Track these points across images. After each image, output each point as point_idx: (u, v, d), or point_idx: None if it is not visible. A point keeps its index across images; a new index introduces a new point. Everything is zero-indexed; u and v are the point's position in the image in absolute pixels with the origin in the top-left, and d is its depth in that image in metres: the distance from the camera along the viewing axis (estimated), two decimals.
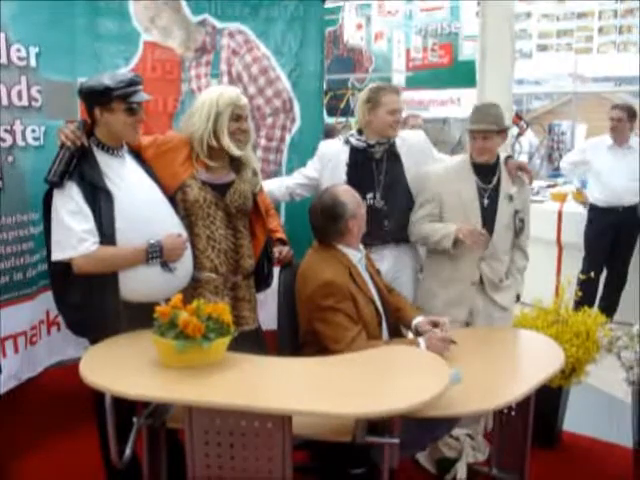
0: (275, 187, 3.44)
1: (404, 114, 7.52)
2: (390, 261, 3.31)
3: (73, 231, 2.46)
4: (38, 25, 2.93)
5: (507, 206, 3.23)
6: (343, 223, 2.73)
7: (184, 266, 2.68)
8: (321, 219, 2.76)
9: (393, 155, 3.36)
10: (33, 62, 2.92)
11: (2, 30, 2.79)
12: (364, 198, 3.13)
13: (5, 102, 2.82)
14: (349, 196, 2.77)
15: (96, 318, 2.54)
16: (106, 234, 2.49)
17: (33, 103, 2.94)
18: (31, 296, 3.00)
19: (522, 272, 3.38)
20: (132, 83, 2.58)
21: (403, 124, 6.87)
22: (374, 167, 3.32)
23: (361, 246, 2.87)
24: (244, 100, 2.83)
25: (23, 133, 2.90)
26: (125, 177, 2.61)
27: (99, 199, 2.50)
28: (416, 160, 3.38)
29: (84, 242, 2.46)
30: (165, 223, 2.65)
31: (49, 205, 2.54)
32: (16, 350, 2.95)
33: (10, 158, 2.86)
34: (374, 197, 3.27)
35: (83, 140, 2.55)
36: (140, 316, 2.42)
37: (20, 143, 2.89)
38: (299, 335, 2.80)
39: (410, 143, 3.43)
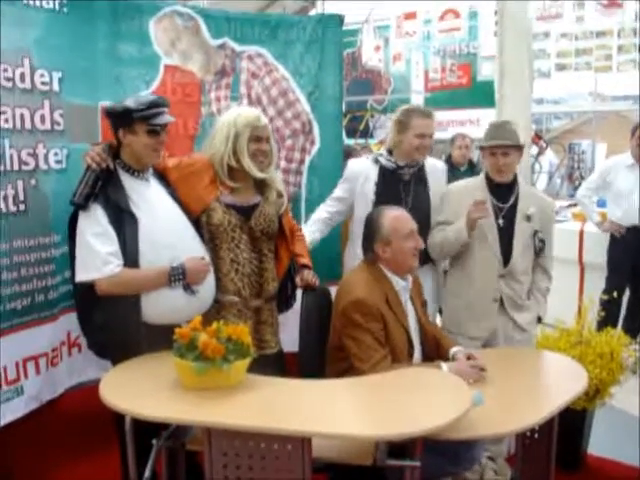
0: (314, 229, 3.39)
1: (453, 132, 7.49)
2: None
3: (97, 253, 2.48)
4: (61, 50, 2.98)
5: (525, 226, 3.19)
6: (371, 243, 2.74)
7: (207, 289, 2.69)
8: (363, 230, 2.83)
9: (421, 179, 3.38)
10: (56, 86, 2.97)
11: (27, 56, 2.84)
12: None
13: (28, 126, 2.86)
14: (393, 221, 2.73)
15: (118, 339, 2.56)
16: (130, 257, 2.52)
17: (56, 127, 2.97)
18: (52, 318, 3.01)
19: (544, 294, 3.31)
20: (154, 105, 2.60)
21: (450, 143, 6.88)
22: (402, 188, 3.33)
23: (409, 277, 2.83)
24: (264, 121, 2.82)
25: (46, 156, 2.94)
26: (149, 200, 2.64)
27: (124, 222, 2.53)
28: (439, 189, 3.40)
29: (108, 264, 2.48)
30: (188, 246, 2.66)
31: (74, 227, 2.57)
32: (37, 371, 2.96)
33: (33, 181, 2.89)
34: None
35: (108, 162, 2.58)
36: (162, 339, 2.42)
37: (43, 166, 2.92)
38: (327, 348, 2.79)
39: (437, 171, 3.47)
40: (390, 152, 3.38)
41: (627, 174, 5.19)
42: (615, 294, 4.44)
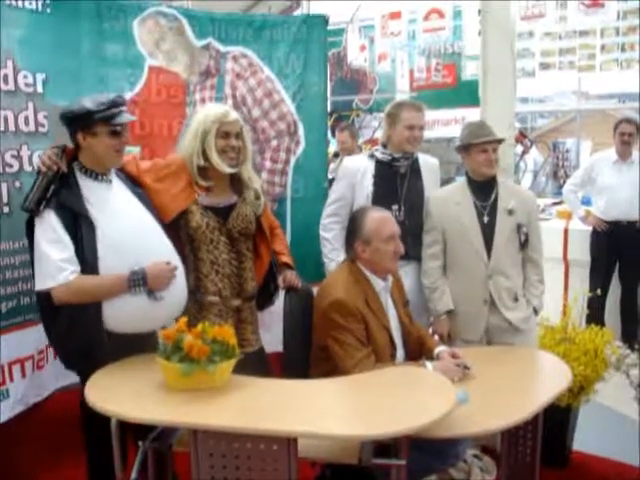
0: (338, 247, 3.34)
1: (439, 132, 7.36)
2: (412, 278, 3.30)
3: (51, 260, 2.37)
4: (44, 51, 2.98)
5: (507, 220, 3.21)
6: (352, 241, 2.75)
7: (174, 294, 2.57)
8: (347, 228, 2.85)
9: (416, 172, 3.41)
10: (40, 88, 2.96)
11: (10, 57, 2.82)
12: (390, 209, 3.15)
13: (12, 128, 2.86)
14: (375, 222, 2.73)
15: (81, 349, 2.46)
16: (88, 263, 2.40)
17: (40, 129, 2.97)
18: (38, 321, 2.99)
19: (537, 285, 3.29)
20: (114, 104, 2.49)
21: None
22: (398, 181, 3.36)
23: (390, 277, 2.83)
24: (232, 116, 2.76)
25: (30, 158, 2.93)
26: (110, 203, 2.53)
27: (80, 226, 2.41)
28: (434, 183, 3.47)
29: (63, 271, 2.37)
30: (153, 250, 2.54)
31: (32, 233, 2.46)
32: (23, 375, 2.96)
33: (17, 183, 2.88)
34: (399, 209, 3.31)
35: (61, 165, 2.46)
36: (126, 349, 2.41)
37: (27, 168, 2.92)
38: (311, 349, 2.79)
39: (429, 166, 3.49)
40: (384, 146, 3.42)
41: (611, 170, 5.28)
42: (599, 291, 4.48)
